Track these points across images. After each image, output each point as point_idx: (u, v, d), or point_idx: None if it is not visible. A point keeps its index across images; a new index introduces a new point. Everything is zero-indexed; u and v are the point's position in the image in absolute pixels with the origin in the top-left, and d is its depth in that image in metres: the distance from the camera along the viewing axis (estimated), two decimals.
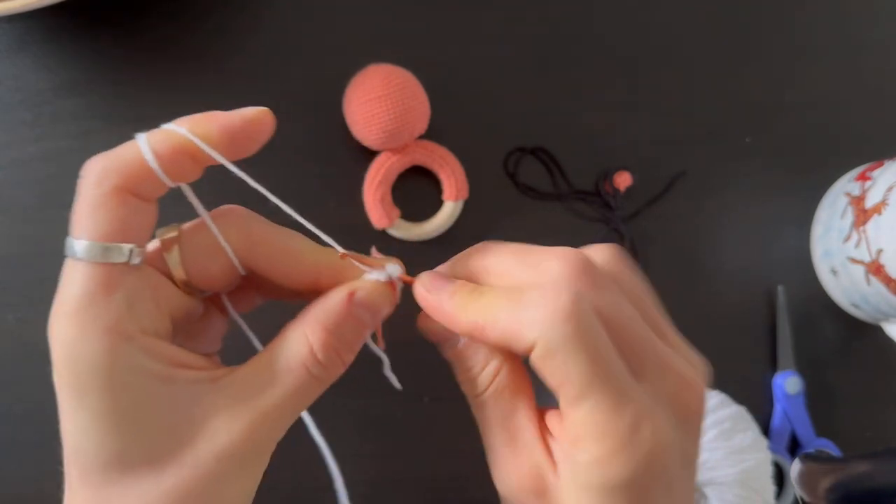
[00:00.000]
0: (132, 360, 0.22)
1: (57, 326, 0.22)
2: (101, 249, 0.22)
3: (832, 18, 0.53)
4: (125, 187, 0.22)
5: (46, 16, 0.46)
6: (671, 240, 0.50)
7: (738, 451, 0.43)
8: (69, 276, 0.22)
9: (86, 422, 0.22)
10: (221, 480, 0.22)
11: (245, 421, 0.22)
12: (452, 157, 0.47)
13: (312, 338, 0.23)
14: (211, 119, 0.24)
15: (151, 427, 0.22)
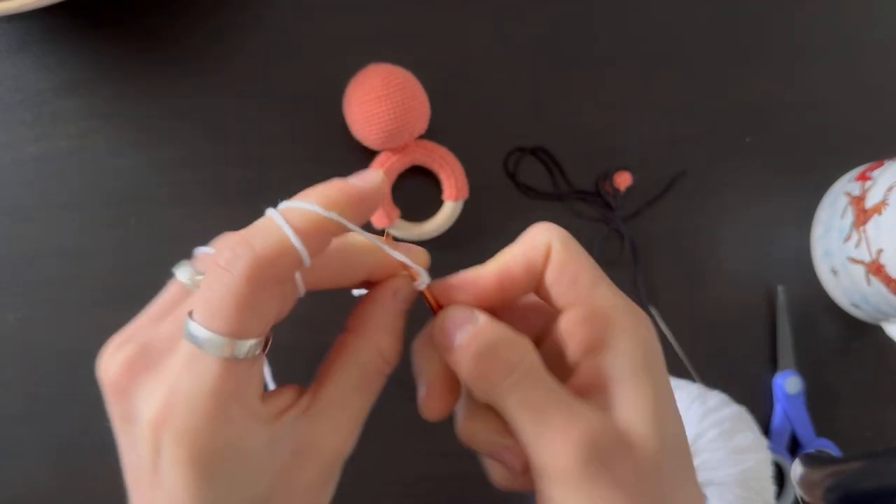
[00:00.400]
0: (253, 439, 0.22)
1: (180, 410, 0.21)
2: (228, 345, 0.20)
3: (832, 19, 0.53)
4: (272, 278, 0.21)
5: (46, 16, 0.46)
6: (671, 240, 0.50)
7: (739, 451, 0.43)
8: (197, 369, 0.21)
9: (210, 495, 0.22)
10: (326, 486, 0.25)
11: (344, 432, 0.25)
12: (452, 157, 0.47)
13: (382, 344, 0.26)
14: (340, 190, 0.22)
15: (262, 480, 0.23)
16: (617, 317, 0.24)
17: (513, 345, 0.24)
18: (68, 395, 0.45)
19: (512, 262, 0.25)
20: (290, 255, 0.21)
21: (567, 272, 0.25)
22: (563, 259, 0.25)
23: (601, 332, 0.24)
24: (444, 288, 0.26)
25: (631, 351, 0.24)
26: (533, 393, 0.23)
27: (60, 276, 0.45)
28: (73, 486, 0.44)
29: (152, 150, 0.46)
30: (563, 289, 0.25)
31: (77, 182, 0.46)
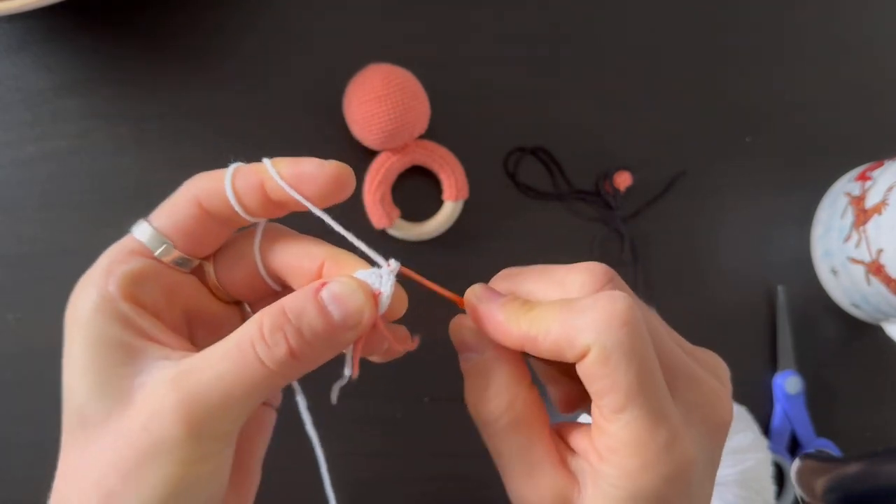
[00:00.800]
0: (111, 320, 0.23)
1: (79, 282, 0.25)
2: (149, 234, 0.25)
3: (832, 19, 0.53)
4: (200, 201, 0.24)
5: (46, 16, 0.46)
6: (671, 240, 0.50)
7: (739, 451, 0.43)
8: (113, 245, 0.25)
9: (66, 372, 0.23)
10: (147, 458, 0.21)
11: (179, 388, 0.21)
12: (452, 157, 0.47)
13: (266, 317, 0.22)
14: (298, 163, 0.24)
15: (108, 386, 0.22)
16: (621, 451, 0.22)
17: (500, 398, 0.24)
18: None
19: (542, 342, 0.23)
20: (220, 195, 0.24)
21: (600, 385, 0.22)
22: (598, 372, 0.22)
23: (603, 453, 0.23)
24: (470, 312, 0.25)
25: (616, 487, 0.23)
26: (502, 449, 0.24)
27: (60, 276, 0.45)
28: None
29: (152, 150, 0.46)
30: (591, 391, 0.23)
31: (77, 182, 0.46)
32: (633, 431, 0.22)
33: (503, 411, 0.24)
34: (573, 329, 0.22)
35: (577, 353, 0.22)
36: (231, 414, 0.22)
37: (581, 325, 0.22)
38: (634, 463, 0.22)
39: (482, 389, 0.24)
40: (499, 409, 0.24)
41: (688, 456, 0.22)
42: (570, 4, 0.50)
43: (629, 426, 0.22)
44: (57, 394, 0.46)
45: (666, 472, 0.22)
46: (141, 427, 0.21)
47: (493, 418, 0.24)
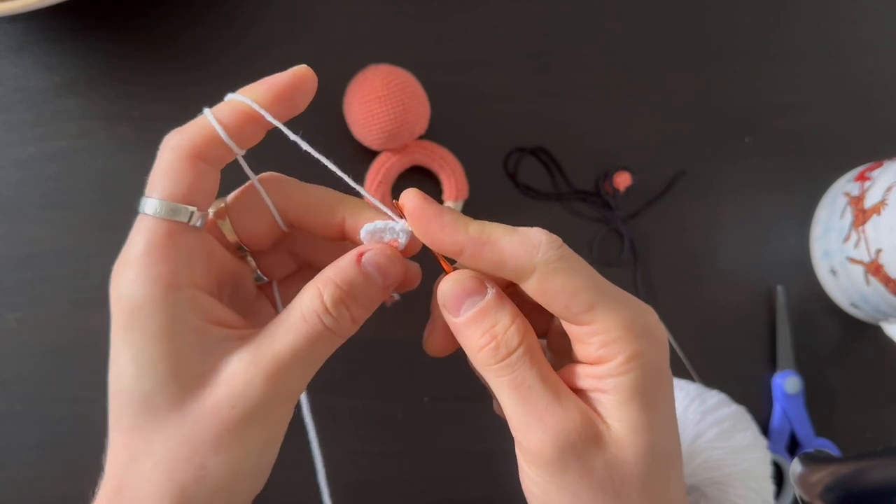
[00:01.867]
0: (176, 308, 0.24)
1: (118, 272, 0.24)
2: (168, 208, 0.24)
3: (832, 20, 0.53)
4: (196, 154, 0.25)
5: (47, 16, 0.46)
6: (671, 240, 0.50)
7: (738, 450, 0.43)
8: (136, 229, 0.24)
9: (126, 361, 0.23)
10: (237, 431, 0.24)
11: (261, 366, 0.24)
12: (452, 157, 0.47)
13: (324, 291, 0.25)
14: (263, 84, 0.27)
15: (180, 373, 0.23)
16: (620, 336, 0.24)
17: (514, 328, 0.25)
18: (68, 395, 0.45)
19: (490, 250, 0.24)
20: (212, 136, 0.25)
21: (559, 299, 0.24)
22: (552, 288, 0.24)
23: (601, 353, 0.24)
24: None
25: (628, 370, 0.24)
26: (524, 379, 0.24)
27: (60, 276, 0.45)
28: (73, 485, 0.44)
29: (153, 150, 0.46)
30: (558, 310, 0.24)
31: (77, 182, 0.46)
32: (615, 316, 0.24)
33: (521, 341, 0.24)
34: (521, 245, 0.24)
35: (524, 267, 0.24)
36: (306, 377, 0.25)
37: (528, 243, 0.24)
38: (632, 341, 0.24)
39: (493, 326, 0.25)
40: (515, 340, 0.24)
41: (659, 326, 0.25)
42: (569, 5, 0.50)
43: (609, 314, 0.24)
44: (58, 393, 0.46)
45: (656, 341, 0.24)
46: (229, 405, 0.23)
47: (511, 350, 0.24)
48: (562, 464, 0.24)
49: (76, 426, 0.45)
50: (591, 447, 0.24)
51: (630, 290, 0.49)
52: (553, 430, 0.24)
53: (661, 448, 0.25)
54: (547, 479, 0.24)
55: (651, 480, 0.24)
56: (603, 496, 0.24)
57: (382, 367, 0.46)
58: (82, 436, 0.44)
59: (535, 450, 0.24)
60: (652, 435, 0.24)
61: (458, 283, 0.25)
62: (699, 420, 0.44)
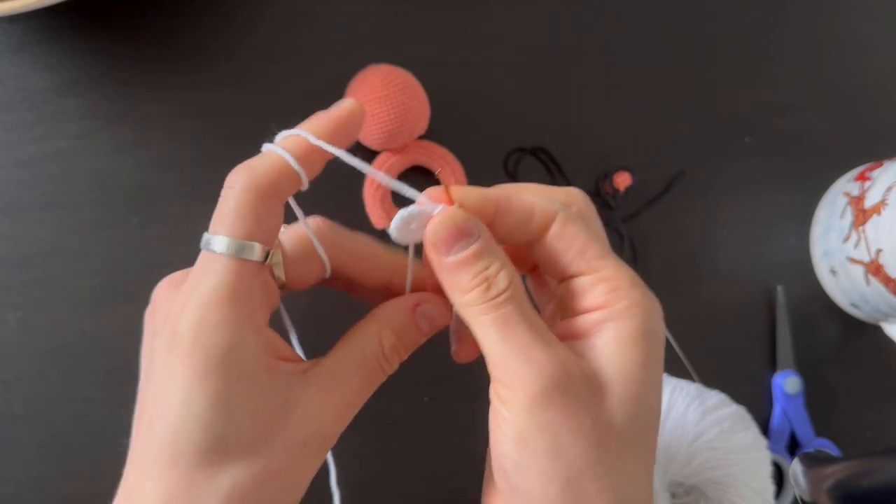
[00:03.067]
0: (255, 351, 0.24)
1: (196, 313, 0.23)
2: (240, 246, 0.24)
3: (832, 19, 0.53)
4: (268, 191, 0.25)
5: (47, 16, 0.46)
6: (671, 240, 0.50)
7: (738, 450, 0.43)
8: (208, 268, 0.24)
9: (201, 405, 0.23)
10: (302, 465, 0.25)
11: (333, 407, 0.25)
12: (452, 157, 0.47)
13: (384, 338, 0.27)
14: (320, 119, 0.27)
15: (256, 414, 0.24)
16: (626, 286, 0.25)
17: (505, 273, 0.25)
18: (68, 395, 0.45)
19: (516, 202, 0.25)
20: (283, 170, 0.25)
21: (575, 244, 0.25)
22: (571, 233, 0.25)
23: (607, 297, 0.25)
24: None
25: (630, 316, 0.24)
26: (510, 317, 0.24)
27: (60, 276, 0.45)
28: (72, 485, 0.44)
29: (153, 150, 0.46)
30: (572, 258, 0.25)
31: (77, 182, 0.46)
32: (625, 270, 0.25)
33: (509, 284, 0.24)
34: (544, 197, 0.26)
35: (547, 215, 0.25)
36: (356, 412, 0.27)
37: (552, 196, 0.26)
38: (636, 294, 0.25)
39: (485, 267, 0.25)
40: (505, 282, 0.24)
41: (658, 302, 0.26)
42: (569, 5, 0.50)
43: (618, 266, 0.25)
44: (57, 394, 0.46)
45: (657, 307, 0.25)
46: (302, 443, 0.24)
47: (500, 291, 0.24)
48: (545, 399, 0.23)
49: (76, 426, 0.45)
50: (579, 388, 0.23)
51: None
52: (539, 365, 0.23)
53: (647, 406, 0.24)
54: (526, 416, 0.23)
55: (628, 436, 0.24)
56: (584, 441, 0.23)
57: None
58: (82, 436, 0.44)
59: (518, 384, 0.23)
60: (640, 388, 0.24)
61: (452, 223, 0.25)
62: (699, 420, 0.44)
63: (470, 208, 0.25)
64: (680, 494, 0.45)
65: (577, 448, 0.23)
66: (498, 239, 0.26)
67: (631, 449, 0.24)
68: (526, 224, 0.25)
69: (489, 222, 0.25)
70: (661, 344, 0.25)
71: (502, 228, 0.26)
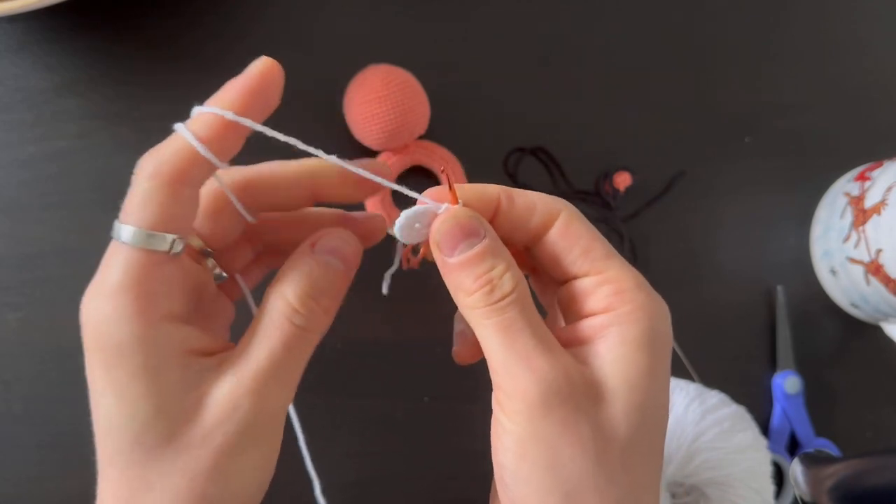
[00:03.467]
0: (157, 344, 0.23)
1: (92, 305, 0.23)
2: (146, 237, 0.23)
3: (832, 18, 0.53)
4: (177, 179, 0.23)
5: (47, 16, 0.46)
6: (671, 240, 0.50)
7: (738, 450, 0.43)
8: (112, 258, 0.23)
9: (111, 401, 0.22)
10: (232, 454, 0.23)
11: (244, 386, 0.23)
12: (452, 157, 0.47)
13: (287, 291, 0.24)
14: (229, 89, 0.25)
15: (167, 409, 0.23)
16: (631, 288, 0.24)
17: (510, 275, 0.24)
18: (68, 395, 0.45)
19: (518, 197, 0.25)
20: (191, 156, 0.23)
21: (580, 243, 0.25)
22: (576, 230, 0.25)
23: (611, 300, 0.24)
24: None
25: (634, 320, 0.23)
26: (513, 322, 0.23)
27: (60, 275, 0.45)
28: (72, 485, 0.44)
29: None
30: (575, 258, 0.25)
31: (77, 182, 0.46)
32: (629, 271, 0.24)
33: (514, 287, 0.24)
34: (546, 198, 0.26)
35: (549, 215, 0.25)
36: (292, 385, 0.24)
37: (551, 198, 0.26)
38: (643, 295, 0.24)
39: (490, 268, 0.24)
40: (510, 285, 0.24)
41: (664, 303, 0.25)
42: (569, 5, 0.50)
43: (623, 267, 0.24)
44: (57, 394, 0.46)
45: (664, 309, 0.25)
46: (220, 432, 0.23)
47: (504, 294, 0.24)
48: (545, 409, 0.22)
49: (76, 426, 0.44)
50: (580, 397, 0.22)
51: None
52: (540, 372, 0.22)
53: (652, 415, 0.23)
54: (525, 426, 0.22)
55: (632, 446, 0.23)
56: (583, 453, 0.22)
57: (382, 367, 0.46)
58: (82, 436, 0.44)
59: (518, 392, 0.22)
60: (645, 396, 0.23)
61: (456, 222, 0.24)
62: (699, 420, 0.44)
63: (472, 206, 0.25)
64: (680, 494, 0.45)
65: (576, 461, 0.22)
66: (501, 235, 0.25)
67: (636, 458, 0.23)
68: (527, 221, 0.25)
69: (490, 219, 0.25)
70: (668, 348, 0.24)
71: (504, 226, 0.25)
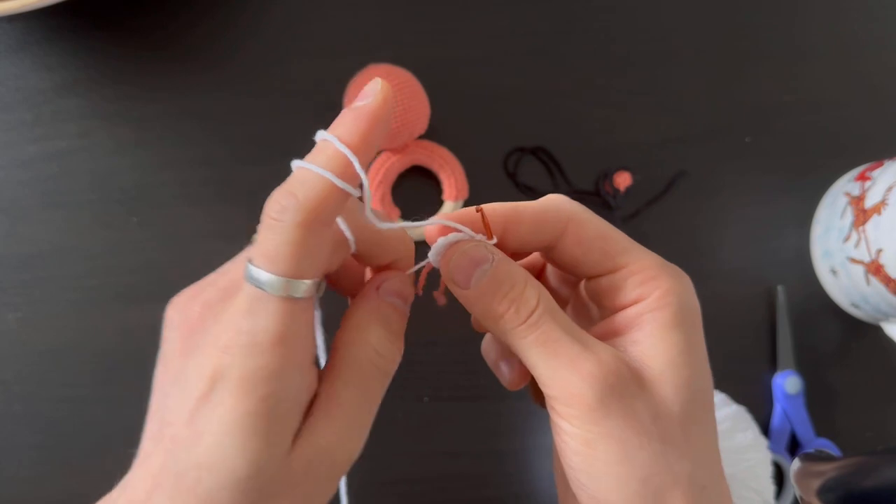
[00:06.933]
0: (298, 397, 0.23)
1: (246, 358, 0.22)
2: (292, 286, 0.22)
3: (832, 19, 0.53)
4: (319, 222, 0.22)
5: (47, 16, 0.46)
6: (671, 240, 0.50)
7: (738, 450, 0.43)
8: (258, 306, 0.22)
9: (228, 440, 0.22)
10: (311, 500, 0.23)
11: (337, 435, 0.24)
12: (452, 157, 0.47)
13: (372, 338, 0.25)
14: (354, 118, 0.22)
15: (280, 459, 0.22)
16: (656, 274, 0.25)
17: (530, 287, 0.24)
18: (68, 395, 0.45)
19: (525, 211, 0.25)
20: (331, 195, 0.22)
21: (596, 245, 0.25)
22: (588, 235, 0.25)
23: (641, 290, 0.25)
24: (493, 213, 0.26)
25: (665, 304, 0.24)
26: (549, 333, 0.24)
27: (60, 276, 0.45)
28: (73, 486, 0.44)
29: (152, 150, 0.46)
30: (595, 260, 0.25)
31: (77, 182, 0.46)
32: (650, 257, 0.25)
33: (538, 298, 0.24)
34: (554, 202, 0.26)
35: (561, 219, 0.25)
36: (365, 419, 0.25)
37: (559, 200, 0.26)
38: (668, 277, 0.25)
39: (510, 288, 0.24)
40: (534, 299, 0.24)
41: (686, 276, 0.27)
42: (570, 5, 0.50)
43: (643, 256, 0.25)
44: (57, 393, 0.46)
45: (688, 283, 0.26)
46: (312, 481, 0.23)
47: (531, 308, 0.24)
48: (603, 409, 0.23)
49: (76, 426, 0.45)
50: (631, 386, 0.23)
51: None
52: (590, 375, 0.23)
53: (699, 387, 0.24)
54: (590, 428, 0.23)
55: (689, 420, 0.24)
56: (649, 439, 0.23)
57: None
58: (82, 436, 0.44)
59: (574, 399, 0.23)
60: (690, 371, 0.24)
61: (465, 255, 0.24)
62: None
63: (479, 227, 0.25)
64: None
65: (644, 447, 0.23)
66: (513, 249, 0.25)
67: (694, 429, 0.24)
68: (540, 230, 0.25)
69: (500, 234, 0.25)
70: (699, 319, 0.26)
71: (515, 239, 0.25)
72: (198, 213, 0.46)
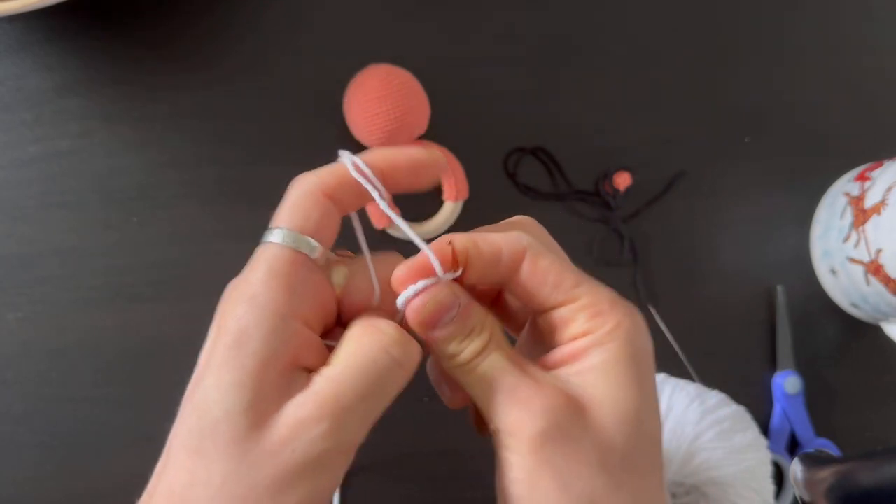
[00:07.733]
0: (276, 339, 0.23)
1: (235, 294, 0.24)
2: (293, 237, 0.24)
3: (832, 19, 0.53)
4: (325, 192, 0.25)
5: (47, 16, 0.46)
6: (671, 240, 0.50)
7: (738, 450, 0.43)
8: (260, 256, 0.24)
9: (213, 382, 0.23)
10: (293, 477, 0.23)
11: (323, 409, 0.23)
12: (452, 157, 0.47)
13: (382, 322, 0.25)
14: (400, 152, 0.27)
15: (253, 408, 0.23)
16: (606, 309, 0.25)
17: (484, 324, 0.25)
18: (68, 395, 0.45)
19: (483, 243, 0.25)
20: (344, 180, 0.25)
21: (549, 279, 0.25)
22: (543, 268, 0.25)
23: (590, 324, 0.25)
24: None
25: (613, 339, 0.24)
26: (494, 365, 0.25)
27: (60, 276, 0.45)
28: (73, 486, 0.44)
29: (152, 150, 0.46)
30: (548, 293, 0.25)
31: (77, 182, 0.46)
32: (602, 292, 0.25)
33: (490, 334, 0.25)
34: (511, 235, 0.26)
35: (517, 251, 0.25)
36: (370, 422, 0.26)
37: (516, 234, 0.26)
38: (619, 313, 0.25)
39: (468, 329, 0.25)
40: (487, 335, 0.25)
41: (641, 316, 0.26)
42: (570, 4, 0.50)
43: (594, 290, 0.25)
44: (57, 393, 0.46)
45: (641, 323, 0.25)
46: (289, 449, 0.23)
47: (486, 341, 0.25)
48: (544, 437, 0.23)
49: (76, 426, 0.45)
50: (574, 418, 0.24)
51: (630, 290, 0.49)
52: (532, 406, 0.24)
53: (644, 422, 0.25)
54: (530, 457, 0.24)
55: (633, 453, 0.24)
56: (589, 469, 0.23)
57: None
58: (82, 436, 0.44)
59: (517, 429, 0.24)
60: (633, 405, 0.24)
61: (438, 303, 0.25)
62: (699, 420, 0.44)
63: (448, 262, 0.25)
64: (680, 494, 0.45)
65: (583, 476, 0.23)
66: (472, 283, 0.26)
67: (637, 463, 0.24)
68: (496, 266, 0.25)
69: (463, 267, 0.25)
70: (650, 359, 0.25)
71: (476, 273, 0.26)
72: (199, 213, 0.46)
